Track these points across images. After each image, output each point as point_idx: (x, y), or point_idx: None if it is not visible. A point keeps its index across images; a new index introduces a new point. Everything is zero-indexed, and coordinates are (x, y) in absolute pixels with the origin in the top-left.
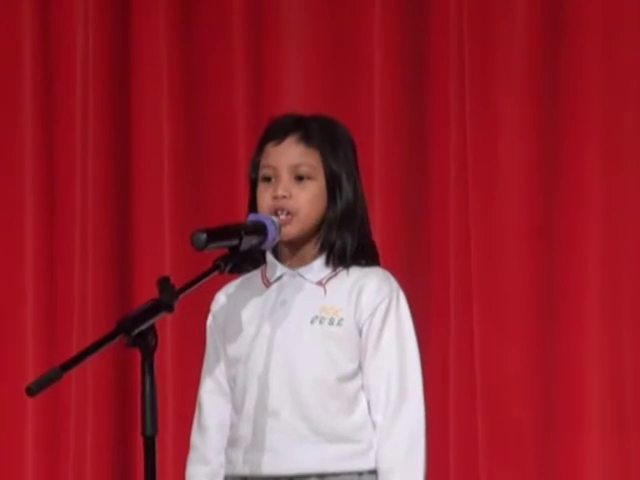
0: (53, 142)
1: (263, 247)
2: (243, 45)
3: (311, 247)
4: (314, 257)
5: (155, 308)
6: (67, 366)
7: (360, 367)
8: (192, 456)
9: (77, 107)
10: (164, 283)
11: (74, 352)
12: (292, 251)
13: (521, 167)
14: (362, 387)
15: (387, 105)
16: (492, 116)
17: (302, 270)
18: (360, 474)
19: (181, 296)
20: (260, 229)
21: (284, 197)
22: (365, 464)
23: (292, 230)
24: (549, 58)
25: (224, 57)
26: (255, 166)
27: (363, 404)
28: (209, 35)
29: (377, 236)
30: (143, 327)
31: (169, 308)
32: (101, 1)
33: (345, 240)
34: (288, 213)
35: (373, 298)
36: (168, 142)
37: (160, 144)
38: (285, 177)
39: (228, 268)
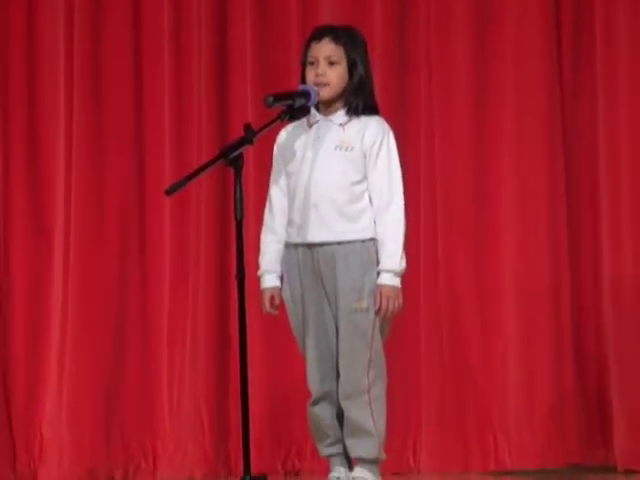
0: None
1: (308, 104)
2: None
3: (338, 105)
4: (338, 110)
5: (242, 141)
6: (190, 177)
7: (364, 177)
8: (264, 229)
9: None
10: (248, 127)
11: (193, 168)
12: (326, 106)
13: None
14: (366, 189)
15: (385, 26)
16: (449, 51)
17: (331, 117)
18: (363, 241)
19: (258, 134)
20: (306, 94)
21: (322, 75)
22: (366, 235)
23: (327, 93)
24: (483, 22)
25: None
26: (305, 56)
27: (365, 200)
28: None
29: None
30: (235, 153)
31: (251, 142)
32: None
33: (358, 100)
34: (325, 84)
35: (372, 135)
36: (250, 48)
37: (244, 50)
38: (322, 63)
39: (286, 118)
